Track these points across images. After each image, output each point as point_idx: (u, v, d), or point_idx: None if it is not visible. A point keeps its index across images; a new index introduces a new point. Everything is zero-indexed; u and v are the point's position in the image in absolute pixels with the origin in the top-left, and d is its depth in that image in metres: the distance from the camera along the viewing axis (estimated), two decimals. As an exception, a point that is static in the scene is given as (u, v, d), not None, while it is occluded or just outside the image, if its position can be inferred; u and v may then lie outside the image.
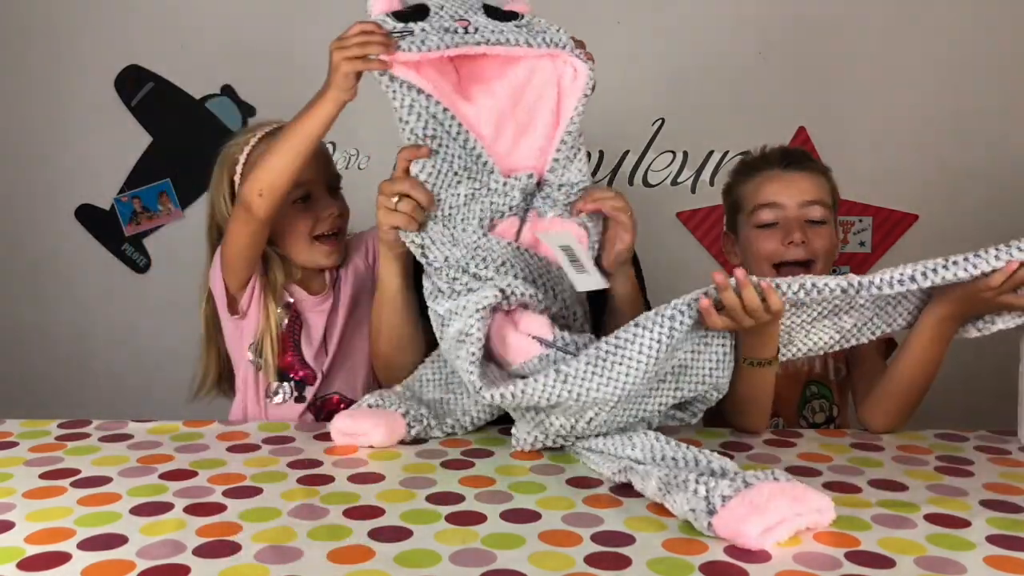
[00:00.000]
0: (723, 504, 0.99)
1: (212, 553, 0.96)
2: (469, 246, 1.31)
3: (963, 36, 2.25)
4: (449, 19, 1.28)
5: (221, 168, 1.53)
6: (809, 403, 1.57)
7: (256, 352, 1.51)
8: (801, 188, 1.51)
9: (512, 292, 1.28)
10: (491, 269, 1.30)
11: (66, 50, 2.35)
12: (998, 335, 1.51)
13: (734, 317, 1.20)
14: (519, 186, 1.32)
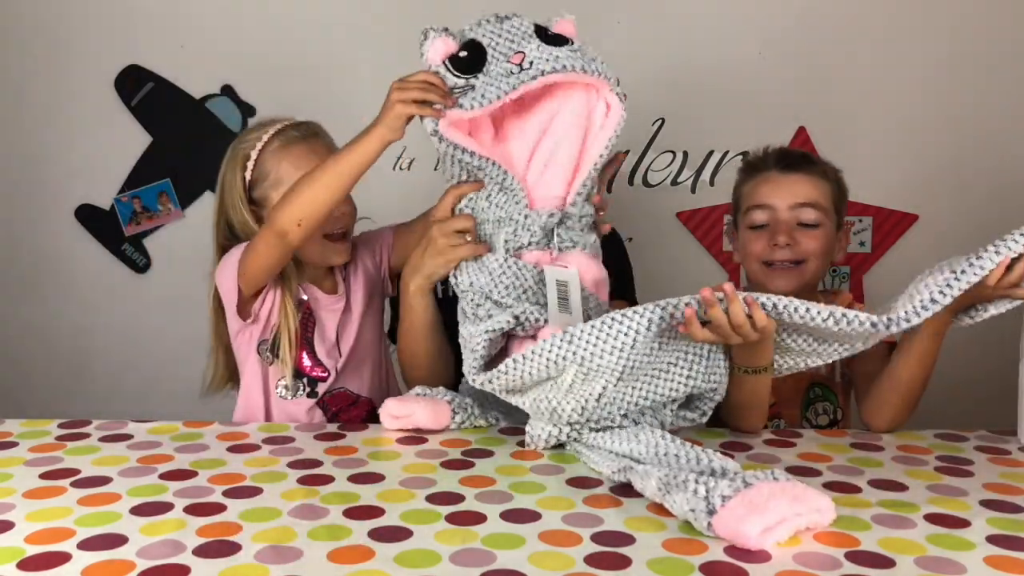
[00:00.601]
0: (723, 504, 0.99)
1: (212, 553, 0.96)
2: (494, 272, 1.32)
3: (963, 36, 2.25)
4: (504, 58, 1.29)
5: (233, 166, 1.53)
6: (812, 405, 1.57)
7: (271, 351, 1.51)
8: (794, 191, 1.51)
9: (527, 318, 1.30)
10: (512, 297, 1.32)
11: (66, 50, 2.35)
12: (998, 335, 1.52)
13: (720, 333, 1.19)
14: (539, 222, 1.32)
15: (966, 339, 2.23)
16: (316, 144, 1.53)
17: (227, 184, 1.53)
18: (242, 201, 1.51)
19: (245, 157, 1.51)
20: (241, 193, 1.51)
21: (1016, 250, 1.19)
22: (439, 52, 1.33)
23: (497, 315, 1.31)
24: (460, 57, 1.31)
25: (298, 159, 1.49)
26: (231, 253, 1.50)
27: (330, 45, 2.32)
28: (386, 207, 2.32)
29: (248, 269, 1.45)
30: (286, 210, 1.36)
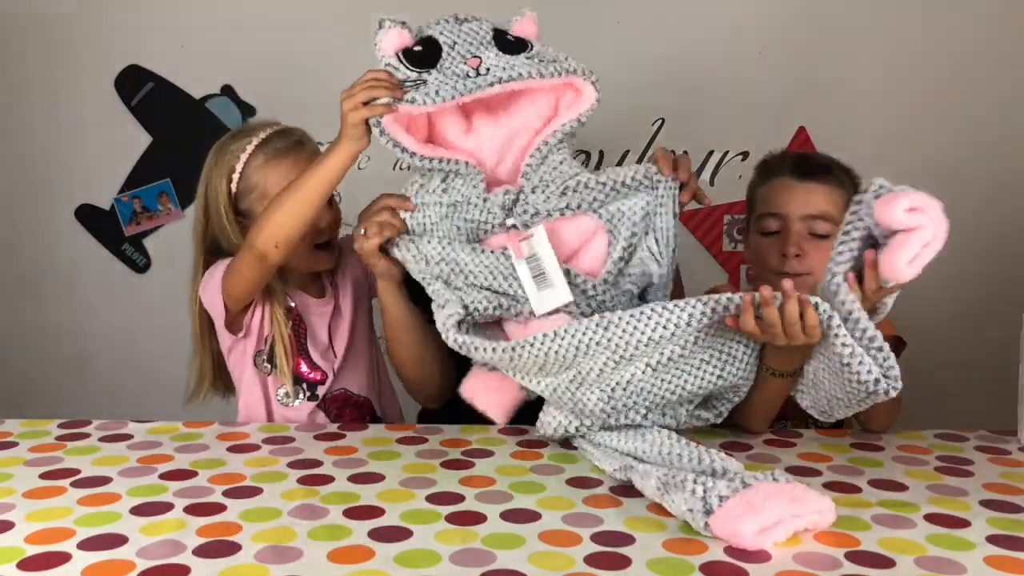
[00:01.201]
0: (720, 504, 0.99)
1: (212, 553, 0.96)
2: (431, 258, 1.33)
3: (963, 36, 2.25)
4: (460, 60, 1.29)
5: (218, 174, 1.50)
6: None
7: (268, 360, 1.51)
8: (808, 201, 1.48)
9: (475, 308, 1.29)
10: (460, 280, 1.32)
11: (66, 50, 2.35)
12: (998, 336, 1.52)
13: (769, 332, 1.17)
14: (497, 202, 1.32)
15: (966, 339, 2.24)
16: (301, 155, 1.50)
17: (211, 192, 1.51)
18: (227, 211, 1.49)
19: (230, 169, 1.49)
20: (226, 203, 1.49)
21: (850, 251, 1.19)
22: (393, 44, 1.32)
23: (447, 304, 1.29)
24: (414, 51, 1.30)
25: (286, 171, 1.47)
26: (213, 271, 1.48)
27: (330, 45, 2.32)
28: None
29: (232, 289, 1.44)
30: (262, 233, 1.35)
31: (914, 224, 1.14)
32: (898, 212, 1.14)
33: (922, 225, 1.14)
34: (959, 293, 2.23)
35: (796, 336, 1.17)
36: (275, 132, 1.52)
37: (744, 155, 2.29)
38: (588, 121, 1.39)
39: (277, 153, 1.49)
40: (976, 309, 2.24)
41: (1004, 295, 2.23)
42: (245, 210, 1.50)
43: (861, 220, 1.19)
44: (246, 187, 1.49)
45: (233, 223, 1.49)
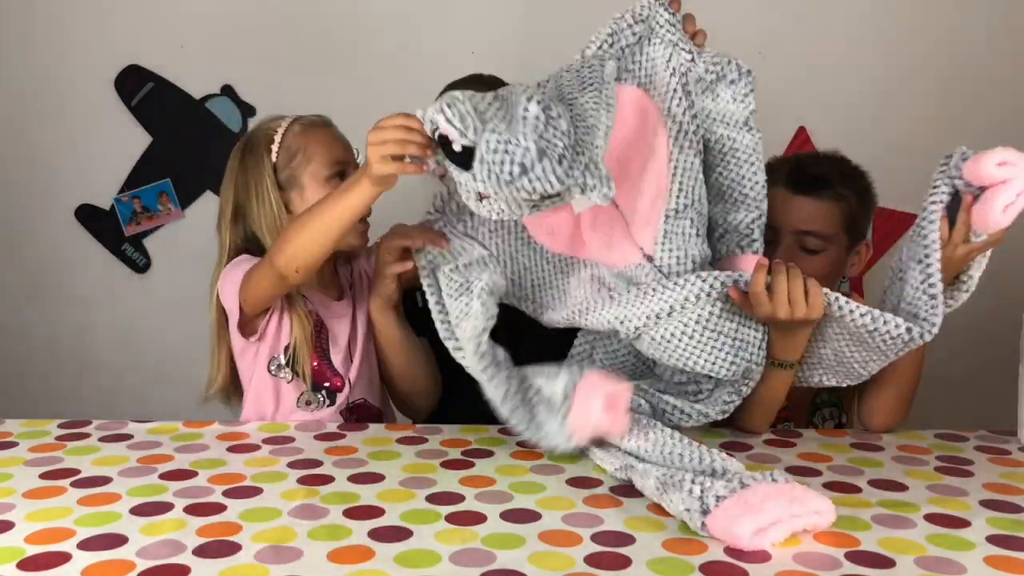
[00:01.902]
0: (717, 504, 0.99)
1: (212, 553, 0.96)
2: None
3: (963, 36, 2.25)
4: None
5: (254, 152, 1.49)
6: (820, 410, 1.57)
7: (289, 364, 1.48)
8: (799, 215, 1.45)
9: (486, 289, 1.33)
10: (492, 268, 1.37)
11: (66, 50, 2.34)
12: (998, 336, 1.52)
13: (776, 301, 1.22)
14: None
15: (966, 339, 2.23)
16: (334, 130, 1.54)
17: (248, 171, 1.49)
18: (271, 182, 1.48)
19: (269, 140, 1.49)
20: (270, 174, 1.48)
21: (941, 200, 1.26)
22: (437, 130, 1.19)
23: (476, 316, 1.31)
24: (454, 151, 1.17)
25: (324, 138, 1.50)
26: (233, 268, 1.45)
27: (330, 45, 2.32)
28: (386, 206, 2.32)
29: (250, 295, 1.42)
30: (283, 255, 1.34)
31: (1007, 176, 1.20)
32: (990, 166, 1.19)
33: (1015, 176, 1.20)
34: (959, 293, 2.23)
35: (798, 304, 1.22)
36: (303, 115, 1.53)
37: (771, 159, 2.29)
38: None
39: (312, 123, 1.52)
40: (976, 309, 2.24)
41: (1004, 295, 2.23)
42: (285, 180, 1.49)
43: (947, 183, 1.26)
44: (287, 155, 1.48)
45: (276, 192, 1.48)
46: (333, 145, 1.50)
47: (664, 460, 1.15)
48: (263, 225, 1.48)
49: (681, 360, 1.28)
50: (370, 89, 2.32)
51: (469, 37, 2.24)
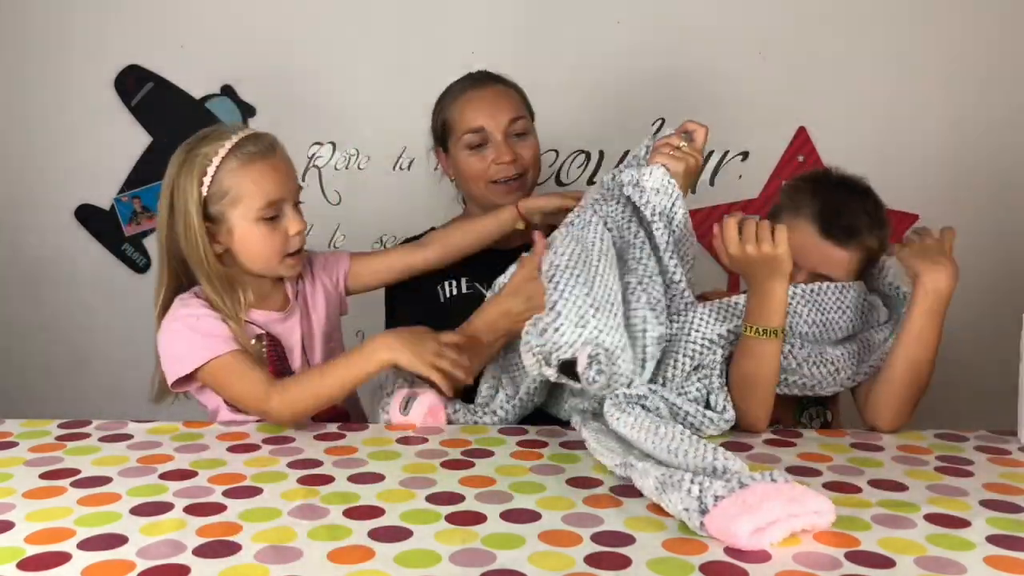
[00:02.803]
0: (715, 504, 0.99)
1: (212, 553, 0.96)
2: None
3: (963, 36, 2.25)
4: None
5: (188, 177, 1.44)
6: (807, 410, 1.57)
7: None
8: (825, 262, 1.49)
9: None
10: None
11: (66, 50, 2.34)
12: (998, 335, 1.52)
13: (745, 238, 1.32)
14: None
15: (966, 339, 2.23)
16: (275, 160, 1.47)
17: (180, 195, 1.44)
18: (197, 216, 1.43)
19: (202, 172, 1.43)
20: (197, 207, 1.43)
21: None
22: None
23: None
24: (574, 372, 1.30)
25: (260, 175, 1.44)
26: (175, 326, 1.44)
27: (330, 45, 2.32)
28: (386, 206, 2.33)
29: (219, 390, 1.44)
30: (284, 413, 1.38)
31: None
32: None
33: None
34: (959, 293, 2.23)
35: (765, 240, 1.31)
36: (247, 136, 1.47)
37: (744, 155, 2.29)
38: (589, 121, 1.40)
39: (251, 157, 1.45)
40: (976, 309, 2.24)
41: (1004, 295, 2.23)
42: (215, 214, 1.45)
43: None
44: (218, 191, 1.44)
45: (202, 228, 1.43)
46: (268, 183, 1.44)
47: (669, 454, 1.15)
48: (190, 256, 1.45)
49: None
50: (370, 89, 2.32)
51: (469, 37, 2.24)
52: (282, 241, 1.48)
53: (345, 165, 2.34)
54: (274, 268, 1.50)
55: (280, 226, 1.47)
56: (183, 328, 1.43)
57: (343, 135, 2.33)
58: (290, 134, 2.29)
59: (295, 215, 1.49)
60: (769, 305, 1.35)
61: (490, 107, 1.69)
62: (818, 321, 1.45)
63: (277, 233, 1.47)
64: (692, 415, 1.35)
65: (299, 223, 1.49)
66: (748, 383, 1.37)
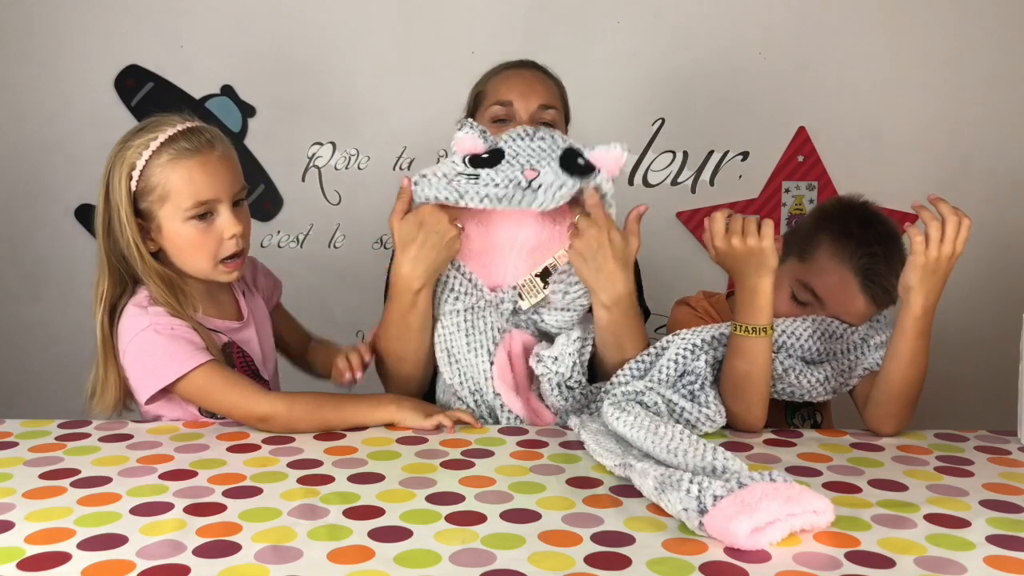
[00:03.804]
0: (714, 504, 0.99)
1: (212, 553, 0.96)
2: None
3: (963, 36, 2.25)
4: (519, 169, 1.35)
5: (119, 170, 1.38)
6: (799, 411, 1.57)
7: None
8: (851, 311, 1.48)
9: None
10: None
11: (66, 50, 2.35)
12: (998, 336, 1.52)
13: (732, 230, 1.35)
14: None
15: (966, 339, 2.24)
16: (210, 157, 1.38)
17: (112, 187, 1.39)
18: (127, 213, 1.37)
19: (131, 166, 1.36)
20: (127, 204, 1.37)
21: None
22: (465, 147, 1.38)
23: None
24: (481, 157, 1.37)
25: (189, 173, 1.37)
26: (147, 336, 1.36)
27: (330, 45, 2.32)
28: (386, 206, 2.32)
29: (201, 401, 1.40)
30: (290, 421, 1.36)
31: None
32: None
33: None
34: (959, 293, 2.23)
35: (751, 233, 1.33)
36: (182, 131, 1.39)
37: (744, 155, 2.30)
38: (588, 121, 1.40)
39: (182, 153, 1.37)
40: (976, 309, 2.25)
41: (1004, 295, 2.23)
42: (144, 211, 1.39)
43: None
44: (146, 187, 1.37)
45: (132, 224, 1.37)
46: (198, 181, 1.37)
47: (668, 454, 1.15)
48: (126, 253, 1.39)
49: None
50: (370, 89, 2.32)
51: (469, 37, 2.24)
52: (215, 244, 1.39)
53: (345, 165, 2.34)
54: (208, 273, 1.42)
55: (213, 228, 1.39)
56: (155, 336, 1.37)
57: (343, 135, 2.33)
58: (290, 134, 2.32)
59: (231, 217, 1.39)
60: (756, 302, 1.35)
61: (526, 87, 1.64)
62: (816, 349, 1.45)
63: (209, 236, 1.39)
64: (689, 411, 1.35)
65: (234, 225, 1.39)
66: (741, 383, 1.37)
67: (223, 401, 1.38)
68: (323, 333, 2.07)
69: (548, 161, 1.36)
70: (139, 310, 1.39)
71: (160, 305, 1.39)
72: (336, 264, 2.38)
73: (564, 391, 1.43)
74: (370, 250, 2.36)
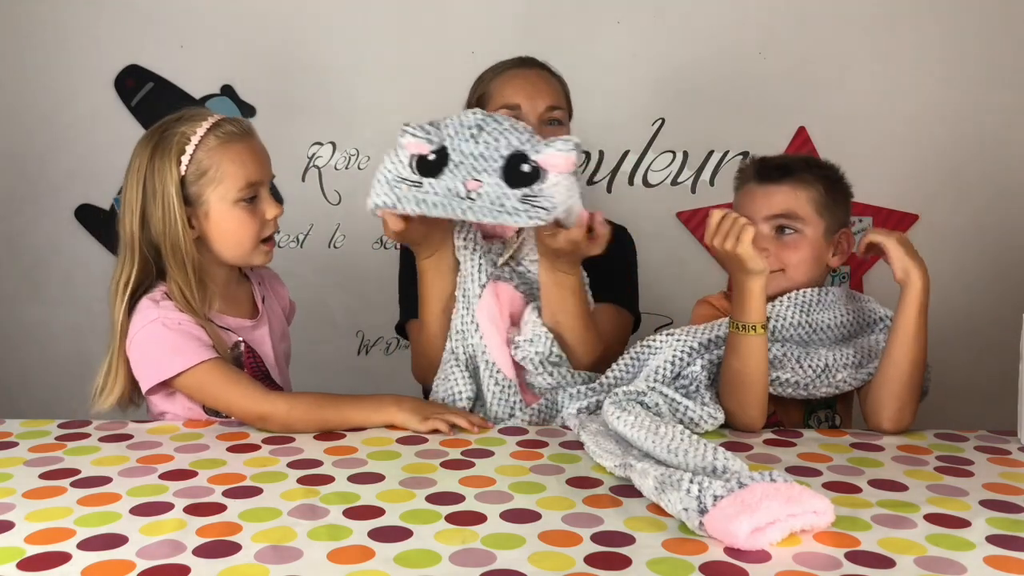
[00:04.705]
0: (714, 503, 0.99)
1: (212, 553, 0.96)
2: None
3: (963, 36, 2.25)
4: (460, 180, 1.34)
5: (164, 156, 1.40)
6: (815, 413, 1.57)
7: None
8: (769, 203, 1.52)
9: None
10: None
11: (66, 50, 2.34)
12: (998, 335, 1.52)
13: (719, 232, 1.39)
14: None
15: (966, 339, 2.24)
16: (254, 143, 1.46)
17: (155, 173, 1.41)
18: (176, 197, 1.39)
19: (180, 151, 1.40)
20: (176, 187, 1.39)
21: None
22: (411, 150, 1.36)
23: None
24: (427, 159, 1.35)
25: (240, 156, 1.42)
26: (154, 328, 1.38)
27: (330, 45, 2.32)
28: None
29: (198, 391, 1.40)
30: (291, 420, 1.37)
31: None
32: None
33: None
34: (959, 294, 2.24)
35: (730, 238, 1.36)
36: (223, 119, 1.45)
37: (744, 155, 2.29)
38: (589, 121, 1.40)
39: (231, 137, 1.42)
40: (976, 310, 2.24)
41: (1004, 296, 2.23)
42: (192, 195, 1.42)
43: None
44: (197, 170, 1.41)
45: (181, 208, 1.40)
46: (248, 164, 1.42)
47: (668, 454, 1.15)
48: (165, 241, 1.41)
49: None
50: (370, 89, 2.32)
51: (469, 37, 2.24)
52: (259, 225, 1.45)
53: (345, 165, 2.34)
54: (248, 254, 1.47)
55: (257, 209, 1.45)
56: (162, 330, 1.39)
57: (343, 135, 2.33)
58: (290, 134, 2.32)
59: (271, 199, 1.46)
60: (745, 300, 1.38)
61: (531, 88, 1.64)
62: (803, 323, 1.47)
63: (255, 217, 1.44)
64: (692, 409, 1.36)
65: (276, 207, 1.46)
66: (737, 381, 1.39)
67: (223, 398, 1.39)
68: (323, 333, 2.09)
69: (492, 171, 1.33)
70: (151, 303, 1.41)
71: (174, 300, 1.41)
72: (336, 264, 2.38)
73: (548, 367, 1.47)
74: (370, 250, 2.36)
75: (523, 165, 1.33)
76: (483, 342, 1.48)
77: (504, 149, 1.34)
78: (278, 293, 1.65)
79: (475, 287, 1.48)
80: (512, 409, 1.48)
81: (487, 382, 1.48)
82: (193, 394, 1.42)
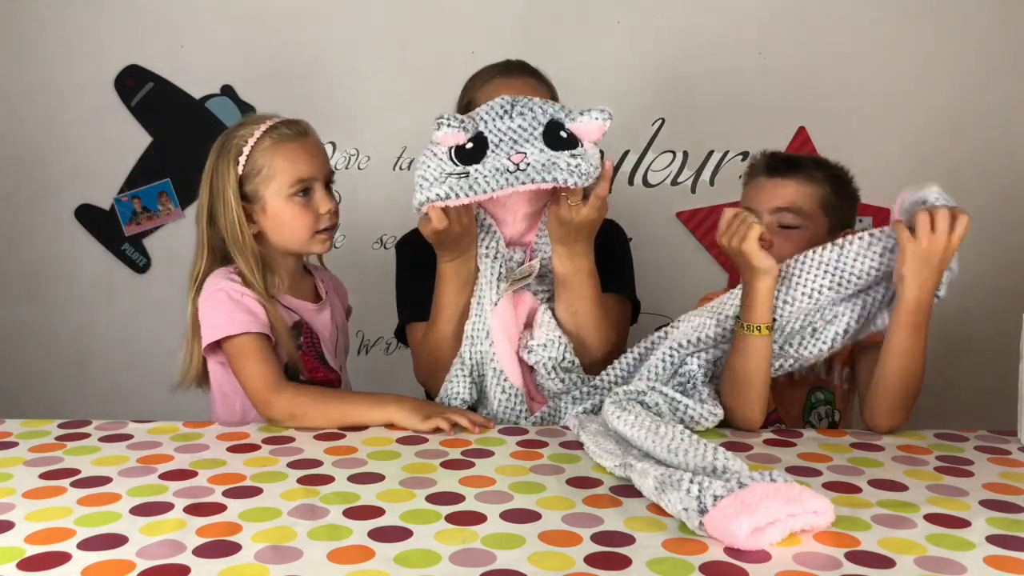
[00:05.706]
0: (714, 503, 0.99)
1: (212, 553, 0.96)
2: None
3: (963, 36, 2.25)
4: (505, 156, 1.36)
5: (225, 158, 1.53)
6: (815, 409, 1.57)
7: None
8: (775, 195, 1.52)
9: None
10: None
11: (66, 50, 2.35)
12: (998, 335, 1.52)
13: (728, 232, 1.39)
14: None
15: (967, 339, 2.24)
16: (307, 143, 1.56)
17: (219, 175, 1.53)
18: (234, 194, 1.51)
19: (238, 151, 1.52)
20: (234, 186, 1.52)
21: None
22: (447, 142, 1.39)
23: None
24: (465, 148, 1.38)
25: (292, 154, 1.52)
26: (218, 295, 1.49)
27: (330, 45, 2.32)
28: (386, 206, 2.33)
29: (234, 360, 1.48)
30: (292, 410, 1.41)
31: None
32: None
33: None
34: (959, 293, 2.23)
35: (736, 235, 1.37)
36: (282, 121, 1.56)
37: (744, 155, 2.29)
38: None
39: (284, 138, 1.53)
40: (976, 309, 2.24)
41: (1004, 296, 2.23)
42: (250, 193, 1.53)
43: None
44: (252, 169, 1.52)
45: (239, 206, 1.51)
46: (300, 162, 1.52)
47: (668, 454, 1.15)
48: (228, 234, 1.52)
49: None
50: (370, 89, 2.32)
51: (469, 37, 2.24)
52: (313, 218, 1.53)
53: (345, 165, 2.34)
54: (305, 244, 1.56)
55: (311, 204, 1.53)
56: (226, 298, 1.49)
57: (343, 135, 2.33)
58: (290, 134, 2.31)
59: (326, 194, 1.55)
60: (752, 299, 1.38)
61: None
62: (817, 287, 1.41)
63: (308, 211, 1.53)
64: (692, 407, 1.37)
65: (329, 202, 1.55)
66: (737, 379, 1.40)
67: (244, 372, 1.46)
68: (323, 333, 2.05)
69: (533, 140, 1.36)
70: (223, 274, 1.52)
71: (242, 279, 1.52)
72: (336, 264, 2.37)
73: (560, 373, 1.48)
74: (370, 250, 2.36)
75: (560, 132, 1.37)
76: (492, 349, 1.48)
77: (542, 117, 1.38)
78: (339, 293, 1.74)
79: (491, 294, 1.49)
80: (517, 418, 1.49)
81: (493, 389, 1.48)
82: (231, 361, 1.49)
